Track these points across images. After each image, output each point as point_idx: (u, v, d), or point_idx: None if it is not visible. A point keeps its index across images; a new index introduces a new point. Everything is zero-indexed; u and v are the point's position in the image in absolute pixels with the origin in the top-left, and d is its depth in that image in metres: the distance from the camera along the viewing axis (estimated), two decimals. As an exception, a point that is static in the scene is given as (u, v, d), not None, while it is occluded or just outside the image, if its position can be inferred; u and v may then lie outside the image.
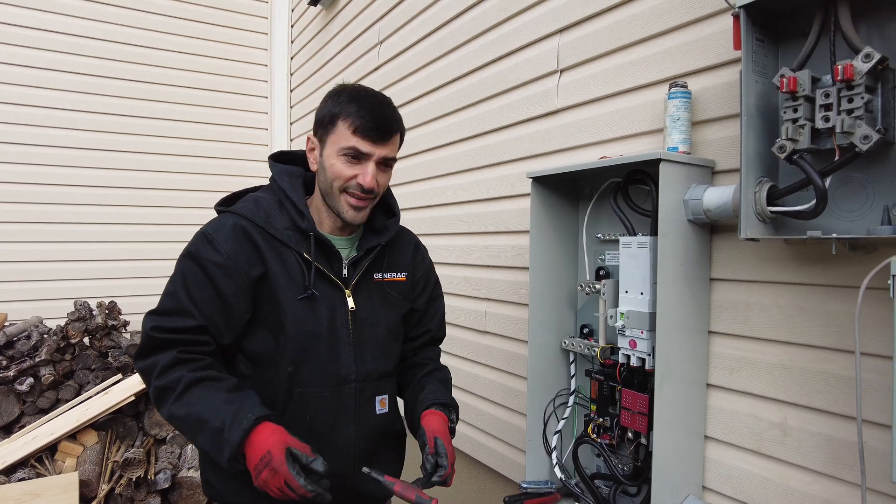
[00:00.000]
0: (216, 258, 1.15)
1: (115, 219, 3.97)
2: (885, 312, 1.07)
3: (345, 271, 1.25)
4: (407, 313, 1.39)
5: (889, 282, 0.96)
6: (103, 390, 2.97)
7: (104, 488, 2.62)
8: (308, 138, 1.26)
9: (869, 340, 1.11)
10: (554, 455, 1.64)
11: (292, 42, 4.40)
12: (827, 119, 1.05)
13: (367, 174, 1.17)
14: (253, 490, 1.16)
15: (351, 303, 1.24)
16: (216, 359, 1.18)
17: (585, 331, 1.68)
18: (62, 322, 3.33)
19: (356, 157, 1.18)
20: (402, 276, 1.36)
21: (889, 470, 0.96)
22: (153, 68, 4.06)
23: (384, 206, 1.37)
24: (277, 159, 1.32)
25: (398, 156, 1.26)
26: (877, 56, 0.99)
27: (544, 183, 1.65)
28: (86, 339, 3.36)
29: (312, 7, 3.82)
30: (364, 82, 3.16)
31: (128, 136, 3.99)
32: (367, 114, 1.17)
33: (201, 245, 1.16)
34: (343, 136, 1.17)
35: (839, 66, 1.02)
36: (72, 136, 3.83)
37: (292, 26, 4.39)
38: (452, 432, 1.26)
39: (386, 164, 1.22)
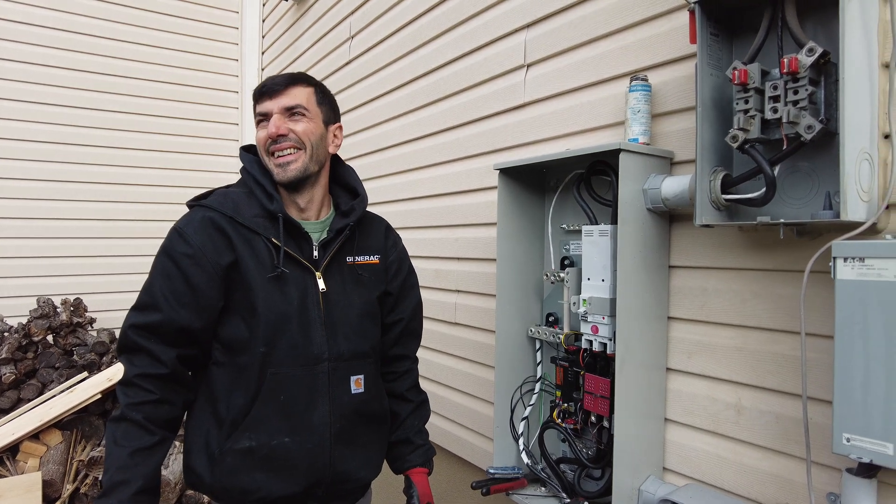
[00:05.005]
0: (186, 250, 1.20)
1: (81, 214, 3.87)
2: (828, 294, 1.12)
3: (315, 254, 1.28)
4: (382, 296, 1.41)
5: (830, 264, 1.02)
6: (68, 389, 2.91)
7: (69, 488, 2.57)
8: None
9: (814, 321, 1.16)
10: (521, 441, 1.67)
11: (263, 37, 4.36)
12: (775, 110, 1.10)
13: (270, 125, 1.25)
14: (234, 478, 1.21)
15: (322, 284, 1.27)
16: (187, 344, 1.22)
17: (551, 319, 1.71)
18: (24, 320, 3.25)
19: (262, 120, 1.28)
20: (374, 259, 1.39)
21: (831, 443, 1.02)
22: (122, 61, 3.97)
23: (348, 188, 1.41)
24: (248, 151, 1.36)
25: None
26: (819, 50, 1.04)
27: (511, 175, 1.68)
28: (49, 337, 3.28)
29: (284, 1, 3.79)
30: (335, 77, 3.17)
31: (93, 130, 3.89)
32: (261, 83, 1.29)
33: (173, 239, 1.22)
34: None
35: (785, 60, 1.07)
36: (33, 129, 3.72)
37: (264, 21, 4.34)
38: (429, 472, 1.45)
39: (293, 112, 1.26)
